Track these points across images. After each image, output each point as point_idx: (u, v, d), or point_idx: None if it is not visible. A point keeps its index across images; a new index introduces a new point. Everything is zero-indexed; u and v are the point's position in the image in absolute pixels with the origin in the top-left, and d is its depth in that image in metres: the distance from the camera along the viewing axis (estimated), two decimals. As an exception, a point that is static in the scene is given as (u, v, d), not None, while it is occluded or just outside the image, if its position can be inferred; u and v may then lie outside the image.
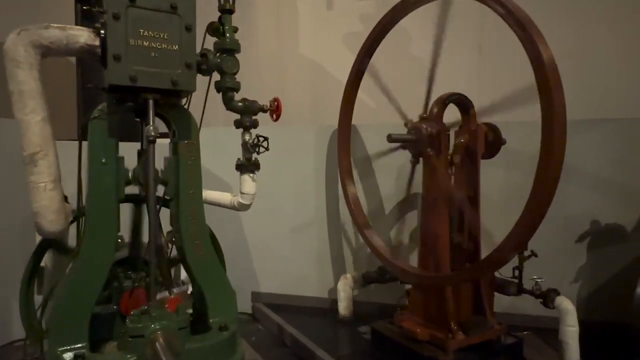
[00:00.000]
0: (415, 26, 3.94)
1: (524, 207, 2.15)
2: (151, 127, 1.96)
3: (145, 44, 1.93)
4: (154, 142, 2.00)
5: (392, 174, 3.86)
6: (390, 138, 2.71)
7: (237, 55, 2.38)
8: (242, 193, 2.56)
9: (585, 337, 2.81)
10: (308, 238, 4.09)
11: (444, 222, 2.78)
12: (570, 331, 2.76)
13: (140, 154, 2.23)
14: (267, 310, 3.92)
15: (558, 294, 2.85)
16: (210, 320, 2.21)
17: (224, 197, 2.72)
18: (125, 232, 2.28)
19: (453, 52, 3.31)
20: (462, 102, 2.91)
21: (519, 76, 3.56)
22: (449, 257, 2.80)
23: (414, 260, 3.39)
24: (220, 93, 2.45)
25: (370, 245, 3.28)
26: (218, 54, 2.37)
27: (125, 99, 2.05)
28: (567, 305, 2.77)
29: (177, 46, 2.00)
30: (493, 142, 2.94)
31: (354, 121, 3.76)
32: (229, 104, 2.44)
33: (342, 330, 3.60)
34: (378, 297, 3.91)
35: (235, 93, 2.45)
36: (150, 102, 2.01)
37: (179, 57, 2.00)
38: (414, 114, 3.07)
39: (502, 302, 3.14)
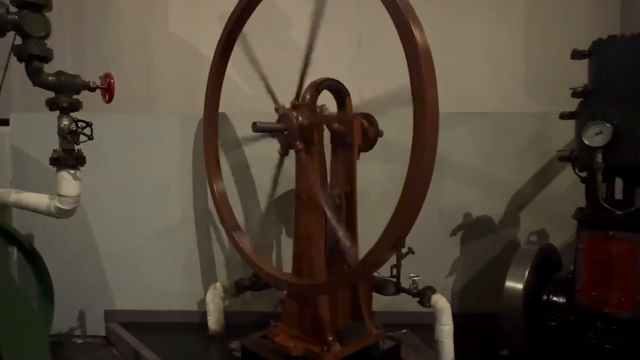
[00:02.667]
0: (296, 9, 3.65)
1: (398, 202, 1.94)
2: None
3: None
4: None
5: (269, 169, 3.51)
6: (256, 127, 2.32)
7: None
8: (59, 195, 1.96)
9: (460, 329, 2.77)
10: (173, 244, 3.57)
11: (317, 222, 2.50)
12: (445, 330, 2.70)
13: None
14: (122, 331, 3.33)
15: (434, 292, 2.77)
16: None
17: (40, 200, 2.09)
18: None
19: (333, 41, 3.07)
20: (337, 89, 2.65)
21: (399, 69, 3.53)
22: (325, 261, 2.53)
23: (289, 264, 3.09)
24: (24, 63, 1.86)
25: (239, 250, 2.89)
26: (17, 10, 1.78)
27: None
28: (442, 304, 2.69)
29: None
30: (370, 133, 2.73)
31: (227, 109, 3.33)
32: (35, 77, 1.86)
33: (211, 348, 3.17)
34: (255, 306, 3.55)
35: (44, 64, 1.87)
36: None
37: None
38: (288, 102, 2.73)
39: (381, 301, 2.99)
